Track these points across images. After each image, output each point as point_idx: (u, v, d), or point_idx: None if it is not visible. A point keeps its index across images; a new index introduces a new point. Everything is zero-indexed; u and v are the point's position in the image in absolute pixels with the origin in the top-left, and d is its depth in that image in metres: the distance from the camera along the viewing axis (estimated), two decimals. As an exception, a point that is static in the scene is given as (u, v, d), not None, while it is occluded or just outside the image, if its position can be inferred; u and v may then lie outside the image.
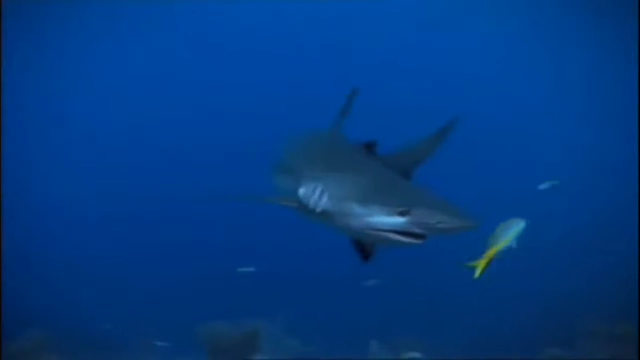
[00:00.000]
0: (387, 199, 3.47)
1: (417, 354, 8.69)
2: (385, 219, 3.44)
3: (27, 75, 18.97)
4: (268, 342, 9.51)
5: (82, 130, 22.46)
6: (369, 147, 4.59)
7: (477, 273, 3.29)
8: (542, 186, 10.54)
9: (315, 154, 4.53)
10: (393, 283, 9.92)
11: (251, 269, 10.36)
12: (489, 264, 3.31)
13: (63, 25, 19.21)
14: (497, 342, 9.12)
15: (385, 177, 3.89)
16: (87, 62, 22.31)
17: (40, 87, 21.10)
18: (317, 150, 4.66)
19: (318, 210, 3.83)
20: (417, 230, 3.39)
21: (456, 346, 9.43)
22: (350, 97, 5.36)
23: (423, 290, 11.65)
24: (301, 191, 4.00)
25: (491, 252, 3.30)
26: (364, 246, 4.40)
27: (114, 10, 19.33)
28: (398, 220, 3.39)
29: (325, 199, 3.79)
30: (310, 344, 9.76)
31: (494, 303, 10.93)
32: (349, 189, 3.72)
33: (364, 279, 9.66)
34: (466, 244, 3.45)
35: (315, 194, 3.86)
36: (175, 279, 12.97)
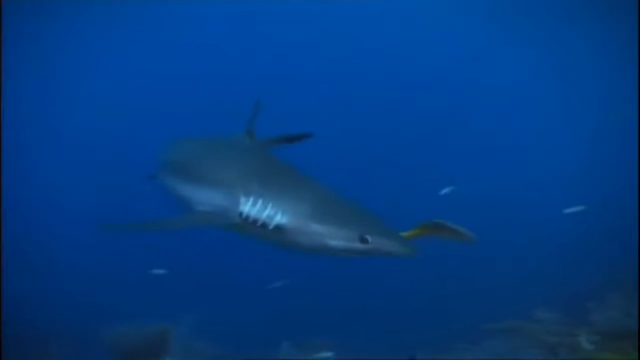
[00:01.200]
0: (347, 223, 3.64)
1: (329, 354, 8.76)
2: (345, 243, 3.61)
3: (27, 75, 18.94)
4: (177, 344, 9.32)
5: (81, 130, 22.38)
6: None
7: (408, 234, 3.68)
8: (444, 191, 10.85)
9: (239, 164, 4.41)
10: (303, 284, 10.02)
11: (162, 271, 10.28)
12: (418, 235, 3.67)
13: (62, 25, 19.05)
14: (409, 341, 9.32)
15: (329, 193, 3.94)
16: (86, 63, 22.48)
17: (39, 87, 21.14)
18: (239, 159, 4.52)
19: (271, 227, 3.80)
20: (368, 254, 3.61)
21: (368, 346, 9.55)
22: (255, 107, 5.23)
23: (334, 291, 11.73)
24: (245, 207, 3.93)
25: (419, 231, 3.70)
26: None
27: (113, 10, 19.34)
28: (357, 245, 3.57)
29: (280, 216, 3.77)
30: (220, 345, 9.66)
31: (408, 302, 11.17)
32: (306, 206, 3.76)
33: (273, 280, 9.70)
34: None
35: (266, 210, 3.82)
36: (82, 279, 12.63)
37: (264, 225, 3.83)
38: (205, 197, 4.24)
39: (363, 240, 3.56)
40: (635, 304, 7.52)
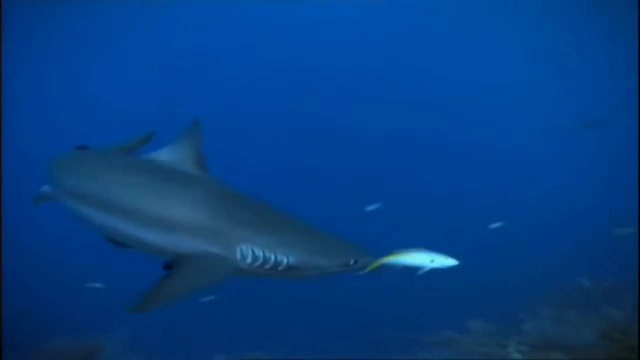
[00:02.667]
0: (342, 251, 4.14)
1: None
2: (338, 269, 4.12)
3: (27, 74, 19.41)
4: (110, 357, 9.17)
5: (82, 130, 20.59)
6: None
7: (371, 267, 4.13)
8: (369, 208, 10.97)
9: (200, 201, 4.19)
10: (232, 298, 10.01)
11: (100, 285, 10.15)
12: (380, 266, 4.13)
13: (62, 24, 19.53)
14: (345, 353, 9.36)
15: (306, 224, 4.27)
16: (86, 65, 23.08)
17: (40, 87, 21.74)
18: (193, 194, 4.24)
19: (280, 269, 3.99)
20: (354, 272, 4.15)
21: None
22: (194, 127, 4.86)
23: (268, 305, 11.65)
24: (248, 256, 3.96)
25: (385, 259, 4.14)
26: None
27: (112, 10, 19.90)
28: (349, 268, 4.12)
29: (286, 260, 3.97)
30: (154, 358, 9.54)
31: (344, 315, 11.23)
32: (304, 242, 4.09)
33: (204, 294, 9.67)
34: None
35: (272, 257, 3.95)
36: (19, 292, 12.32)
37: (273, 268, 4.01)
38: (179, 245, 4.06)
39: (355, 262, 4.10)
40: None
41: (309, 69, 26.82)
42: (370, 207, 11.49)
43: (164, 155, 4.49)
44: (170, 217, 4.07)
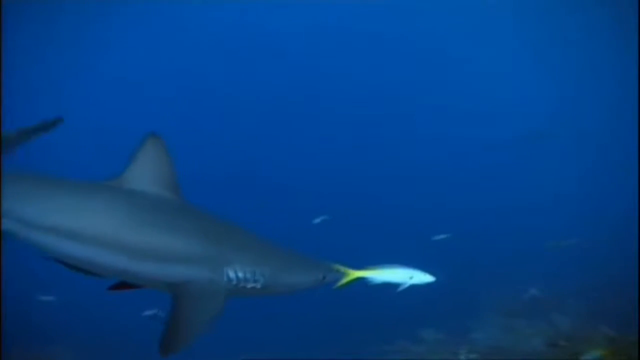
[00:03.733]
0: (311, 268, 4.23)
1: None
2: (310, 284, 4.20)
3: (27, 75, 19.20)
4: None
5: (82, 130, 21.34)
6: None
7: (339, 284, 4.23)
8: (316, 220, 11.10)
9: (174, 224, 4.04)
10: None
11: (51, 298, 10.07)
12: (351, 282, 4.24)
13: (61, 24, 19.60)
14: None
15: (275, 244, 4.28)
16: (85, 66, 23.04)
17: (40, 87, 21.52)
18: (166, 218, 4.06)
19: (258, 288, 4.01)
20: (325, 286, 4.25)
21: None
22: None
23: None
24: (235, 278, 3.93)
25: (357, 275, 4.25)
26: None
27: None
28: (319, 283, 4.21)
29: (262, 278, 3.99)
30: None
31: (300, 325, 11.30)
32: (279, 262, 4.14)
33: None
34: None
35: (245, 277, 3.95)
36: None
37: (252, 288, 4.00)
38: (166, 274, 3.89)
39: (324, 277, 4.19)
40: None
41: (258, 74, 26.82)
42: (318, 220, 11.62)
43: (132, 178, 4.20)
44: (155, 246, 3.91)
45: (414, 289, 4.53)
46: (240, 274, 3.95)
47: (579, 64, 23.18)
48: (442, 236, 11.24)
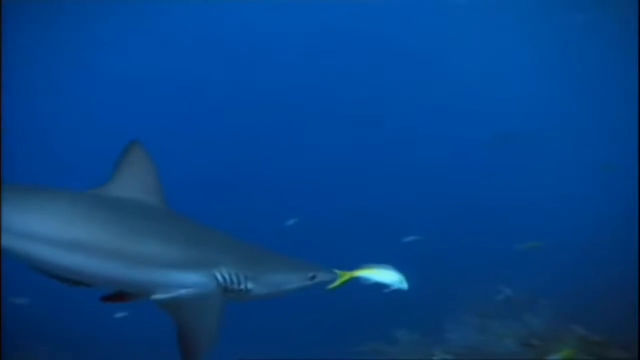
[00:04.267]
0: (299, 267, 4.32)
1: None
2: (300, 284, 4.29)
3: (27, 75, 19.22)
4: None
5: (82, 130, 22.60)
6: None
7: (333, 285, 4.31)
8: (289, 222, 11.08)
9: (164, 232, 4.14)
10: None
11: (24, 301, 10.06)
12: (345, 282, 4.31)
13: (60, 24, 19.45)
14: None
15: (261, 246, 4.43)
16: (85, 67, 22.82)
17: (40, 87, 21.59)
18: (155, 226, 4.16)
19: (248, 289, 4.09)
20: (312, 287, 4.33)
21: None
22: None
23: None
24: (229, 281, 4.04)
25: (350, 275, 4.31)
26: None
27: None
28: (307, 283, 4.28)
29: (250, 282, 4.08)
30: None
31: (270, 325, 11.24)
32: (264, 262, 4.24)
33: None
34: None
35: (236, 279, 4.04)
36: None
37: (242, 291, 4.09)
38: (161, 281, 3.96)
39: (312, 278, 4.27)
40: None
41: (256, 73, 26.82)
42: (290, 222, 11.61)
43: (117, 186, 4.28)
44: (143, 253, 3.97)
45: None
46: (227, 276, 4.03)
47: (579, 64, 23.29)
48: (412, 238, 11.29)
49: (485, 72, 26.25)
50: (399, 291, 4.63)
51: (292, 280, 4.26)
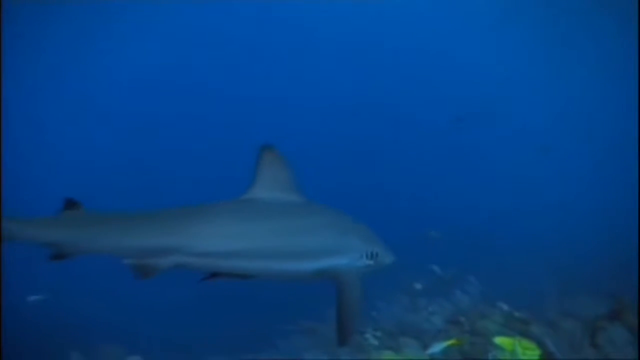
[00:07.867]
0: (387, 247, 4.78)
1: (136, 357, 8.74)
2: (388, 261, 4.77)
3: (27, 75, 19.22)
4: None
5: (82, 130, 22.65)
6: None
7: None
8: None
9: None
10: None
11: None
12: None
13: (60, 24, 19.41)
14: (205, 345, 9.37)
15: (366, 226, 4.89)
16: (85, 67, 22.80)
17: (40, 87, 21.42)
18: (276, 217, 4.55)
19: (373, 265, 4.60)
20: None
21: (165, 353, 9.46)
22: None
23: (121, 297, 11.37)
24: (367, 259, 4.59)
25: None
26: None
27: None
28: (368, 262, 4.62)
29: (376, 257, 4.62)
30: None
31: (203, 306, 11.18)
32: (381, 242, 4.76)
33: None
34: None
35: (365, 256, 4.60)
36: None
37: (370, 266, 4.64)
38: (316, 267, 4.49)
39: (372, 255, 4.62)
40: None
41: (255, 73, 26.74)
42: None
43: (261, 190, 4.65)
44: (305, 246, 4.50)
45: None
46: (365, 255, 4.58)
47: (580, 65, 23.76)
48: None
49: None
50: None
51: (389, 256, 4.74)
